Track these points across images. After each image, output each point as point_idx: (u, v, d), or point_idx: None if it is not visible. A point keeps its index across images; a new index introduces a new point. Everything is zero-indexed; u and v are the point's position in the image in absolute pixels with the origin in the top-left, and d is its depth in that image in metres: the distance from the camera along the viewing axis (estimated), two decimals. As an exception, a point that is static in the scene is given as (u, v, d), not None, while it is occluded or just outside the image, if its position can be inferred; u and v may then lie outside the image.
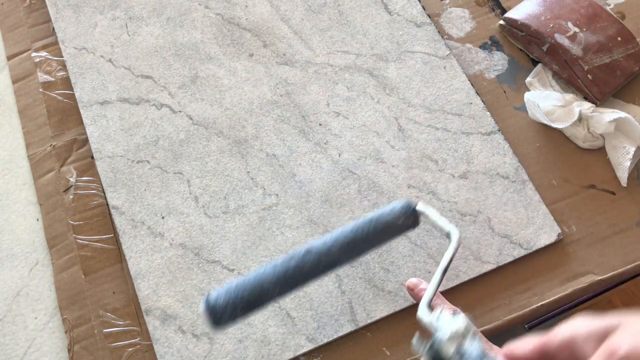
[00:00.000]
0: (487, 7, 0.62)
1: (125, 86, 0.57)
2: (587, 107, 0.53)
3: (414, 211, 0.42)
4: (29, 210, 0.53)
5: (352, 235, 0.41)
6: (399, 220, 0.42)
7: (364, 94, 0.57)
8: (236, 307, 0.38)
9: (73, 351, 0.48)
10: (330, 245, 0.41)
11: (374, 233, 0.41)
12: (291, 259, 0.40)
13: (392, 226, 0.42)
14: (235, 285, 0.39)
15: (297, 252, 0.40)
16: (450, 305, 0.43)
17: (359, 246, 0.41)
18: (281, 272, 0.39)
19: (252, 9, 0.61)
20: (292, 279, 0.39)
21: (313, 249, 0.40)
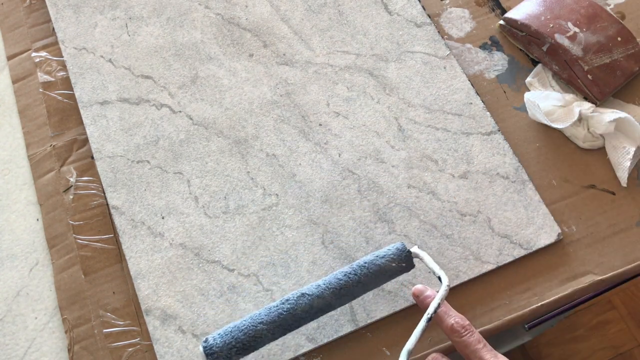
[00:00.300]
0: (487, 7, 0.62)
1: (125, 86, 0.57)
2: (587, 107, 0.53)
3: (408, 254, 0.44)
4: (29, 210, 0.53)
5: (345, 280, 0.43)
6: (393, 263, 0.43)
7: (364, 94, 0.57)
8: (232, 348, 0.41)
9: (73, 351, 0.48)
10: (324, 289, 0.42)
11: (367, 277, 0.43)
12: (285, 302, 0.42)
13: (386, 270, 0.43)
14: (231, 328, 0.41)
15: (291, 296, 0.42)
16: (456, 314, 0.43)
17: (352, 290, 0.43)
18: (275, 315, 0.41)
19: (252, 9, 0.61)
20: (285, 322, 0.42)
21: (307, 293, 0.42)
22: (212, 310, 0.48)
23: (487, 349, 0.41)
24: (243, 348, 0.41)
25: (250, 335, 0.41)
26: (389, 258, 0.43)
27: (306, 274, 0.49)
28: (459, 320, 0.42)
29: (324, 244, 0.50)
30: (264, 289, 0.49)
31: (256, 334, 0.41)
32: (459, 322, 0.42)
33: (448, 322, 0.42)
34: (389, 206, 0.52)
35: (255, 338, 0.41)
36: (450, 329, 0.42)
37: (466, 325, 0.42)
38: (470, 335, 0.41)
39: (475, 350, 0.40)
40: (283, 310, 0.42)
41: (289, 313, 0.42)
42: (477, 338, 0.41)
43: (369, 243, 0.50)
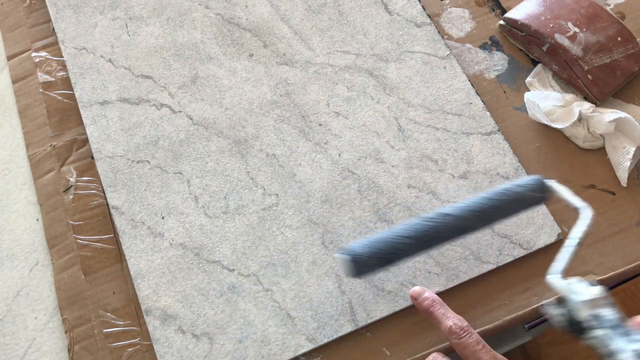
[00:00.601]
0: (487, 7, 0.62)
1: (125, 86, 0.57)
2: (587, 107, 0.53)
3: (545, 185, 0.44)
4: (29, 210, 0.53)
5: (485, 204, 0.43)
6: (531, 193, 0.44)
7: (364, 94, 0.57)
8: (374, 257, 0.41)
9: (73, 351, 0.48)
10: (465, 211, 0.43)
11: (506, 203, 0.43)
12: (429, 220, 0.42)
13: (523, 198, 0.44)
14: (374, 239, 0.41)
15: (434, 215, 0.42)
16: (454, 315, 0.43)
17: (492, 214, 0.43)
18: (420, 230, 0.42)
19: (252, 9, 0.61)
20: (428, 238, 0.42)
21: (450, 213, 0.42)
22: (212, 310, 0.48)
23: (486, 350, 0.41)
24: (385, 259, 0.41)
25: (393, 247, 0.41)
26: (527, 188, 0.44)
27: (306, 274, 0.49)
28: (457, 322, 0.42)
29: (324, 244, 0.50)
30: (264, 289, 0.49)
31: (399, 247, 0.41)
32: (457, 324, 0.42)
33: (446, 324, 0.42)
34: (389, 206, 0.52)
35: (398, 250, 0.41)
36: (449, 330, 0.42)
37: (464, 327, 0.42)
38: (469, 336, 0.41)
39: (474, 351, 0.41)
40: (426, 227, 0.42)
41: (431, 230, 0.42)
42: (476, 339, 0.41)
43: (369, 243, 0.50)
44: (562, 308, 0.38)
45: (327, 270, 0.49)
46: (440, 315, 0.43)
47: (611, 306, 0.37)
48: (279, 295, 0.49)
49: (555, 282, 0.39)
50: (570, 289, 0.38)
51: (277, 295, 0.49)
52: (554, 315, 0.39)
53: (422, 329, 0.48)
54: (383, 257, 0.41)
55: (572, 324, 0.38)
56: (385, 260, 0.41)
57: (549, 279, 0.40)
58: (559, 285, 0.39)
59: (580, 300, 0.37)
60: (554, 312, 0.39)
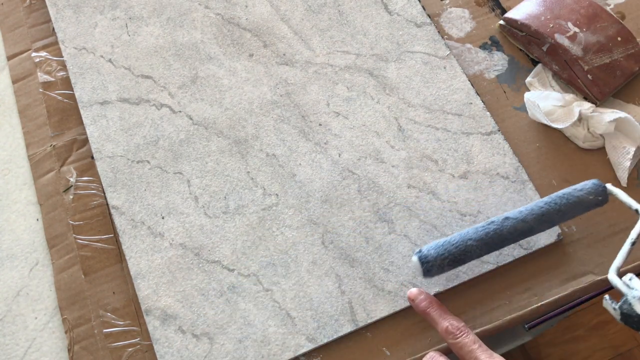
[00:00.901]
0: (487, 7, 0.62)
1: (125, 86, 0.57)
2: (587, 107, 0.53)
3: (604, 189, 0.47)
4: (29, 210, 0.53)
5: (546, 208, 0.46)
6: (590, 196, 0.46)
7: (364, 94, 0.57)
8: (445, 259, 0.44)
9: (73, 351, 0.48)
10: (527, 214, 0.46)
11: (565, 207, 0.46)
12: (491, 223, 0.46)
13: (583, 202, 0.46)
14: (443, 242, 0.45)
15: (496, 218, 0.46)
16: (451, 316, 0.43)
17: (552, 217, 0.46)
18: (482, 233, 0.45)
19: (252, 9, 0.61)
20: (492, 240, 0.45)
21: (511, 216, 0.46)
22: (212, 310, 0.48)
23: (483, 349, 0.41)
24: (454, 260, 0.45)
25: (460, 249, 0.45)
26: (586, 191, 0.47)
27: (306, 274, 0.49)
28: (453, 322, 0.42)
29: (324, 244, 0.50)
30: (264, 289, 0.49)
31: (466, 249, 0.45)
32: (454, 324, 0.42)
33: (443, 325, 0.43)
34: (389, 206, 0.52)
35: (465, 252, 0.45)
36: (445, 331, 0.42)
37: (461, 327, 0.42)
38: (465, 336, 0.42)
39: (471, 351, 0.41)
40: (490, 230, 0.45)
41: (495, 232, 0.45)
42: (472, 339, 0.41)
43: (369, 243, 0.50)
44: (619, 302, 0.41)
45: (327, 270, 0.49)
46: (436, 317, 0.44)
47: None
48: (279, 295, 0.49)
49: (613, 279, 0.42)
50: (627, 284, 0.41)
51: (277, 295, 0.49)
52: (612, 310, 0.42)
53: (422, 329, 0.48)
54: (452, 259, 0.45)
55: (628, 317, 0.41)
56: (453, 262, 0.45)
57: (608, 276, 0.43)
58: (617, 282, 0.42)
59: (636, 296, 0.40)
60: (611, 306, 0.42)
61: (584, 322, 1.09)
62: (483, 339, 0.47)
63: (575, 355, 1.06)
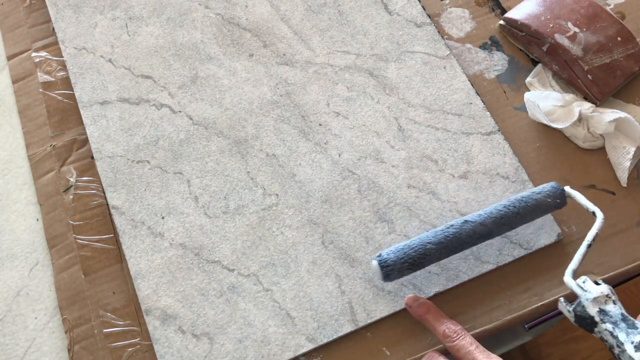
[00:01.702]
0: (487, 7, 0.62)
1: (125, 86, 0.57)
2: (587, 107, 0.53)
3: (562, 192, 0.47)
4: (29, 210, 0.53)
5: (505, 211, 0.46)
6: (549, 199, 0.47)
7: (364, 94, 0.57)
8: (404, 263, 0.44)
9: (73, 351, 0.48)
10: (485, 217, 0.46)
11: (525, 210, 0.46)
12: (451, 227, 0.45)
13: (541, 205, 0.47)
14: (402, 246, 0.45)
15: (456, 222, 0.46)
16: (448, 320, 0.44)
17: (511, 221, 0.46)
18: (441, 237, 0.45)
19: (252, 9, 0.61)
20: (451, 244, 0.45)
21: (470, 220, 0.46)
22: (212, 310, 0.48)
23: (480, 350, 0.41)
24: (413, 264, 0.45)
25: (420, 252, 0.45)
26: (545, 194, 0.47)
27: (306, 274, 0.49)
28: (450, 326, 0.43)
29: (324, 244, 0.50)
30: (264, 289, 0.49)
31: (425, 252, 0.45)
32: (451, 328, 0.43)
33: (440, 329, 0.43)
34: (389, 206, 0.52)
35: (425, 256, 0.45)
36: (443, 334, 0.43)
37: (457, 330, 0.43)
38: (462, 338, 0.42)
39: (468, 352, 0.41)
40: (449, 234, 0.45)
41: (454, 236, 0.45)
42: (470, 341, 0.42)
43: (369, 243, 0.50)
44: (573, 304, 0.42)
45: (327, 270, 0.49)
46: (433, 321, 0.44)
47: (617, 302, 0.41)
48: (279, 295, 0.49)
49: (568, 281, 0.42)
50: (581, 287, 0.42)
51: (277, 295, 0.49)
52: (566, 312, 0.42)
53: (422, 329, 0.48)
54: (411, 262, 0.45)
55: (581, 319, 0.41)
56: (413, 266, 0.45)
57: (564, 279, 0.43)
58: (572, 284, 0.42)
59: (589, 298, 0.41)
60: (565, 308, 0.42)
61: (584, 322, 1.09)
62: (483, 339, 0.47)
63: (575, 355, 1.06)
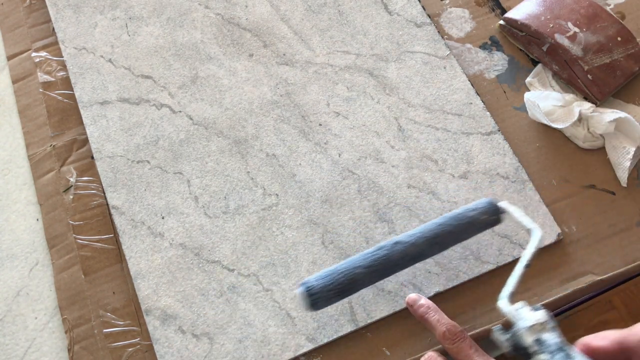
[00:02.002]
0: (487, 7, 0.62)
1: (125, 86, 0.57)
2: (587, 107, 0.53)
3: (497, 208, 0.45)
4: (29, 210, 0.53)
5: (437, 230, 0.44)
6: (483, 216, 0.45)
7: (364, 94, 0.57)
8: (331, 290, 0.42)
9: (73, 351, 0.48)
10: (417, 237, 0.44)
11: (458, 228, 0.44)
12: (381, 248, 0.43)
13: (476, 222, 0.45)
14: (330, 272, 0.43)
15: (387, 243, 0.43)
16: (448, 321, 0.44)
17: (444, 240, 0.44)
18: (371, 260, 0.43)
19: (252, 9, 0.61)
20: (381, 267, 0.43)
21: (401, 240, 0.43)
22: (212, 310, 0.48)
23: (479, 353, 0.41)
24: (342, 290, 0.42)
25: (348, 277, 0.42)
26: (479, 211, 0.45)
27: (306, 274, 0.49)
28: (450, 328, 0.43)
29: (324, 244, 0.50)
30: (264, 289, 0.49)
31: (354, 277, 0.42)
32: (451, 330, 0.43)
33: (440, 330, 0.43)
34: (389, 206, 0.52)
35: (353, 281, 0.42)
36: (442, 336, 0.43)
37: (457, 332, 0.43)
38: (462, 341, 0.42)
39: (468, 355, 0.41)
40: (379, 256, 0.43)
41: (384, 259, 0.43)
42: (469, 343, 0.42)
43: (369, 243, 0.50)
44: (509, 333, 0.39)
45: (327, 270, 0.49)
46: (434, 322, 0.44)
47: (554, 330, 0.38)
48: (279, 295, 0.49)
49: (504, 307, 0.40)
50: (516, 314, 0.39)
51: (277, 295, 0.49)
52: (500, 340, 0.40)
53: (422, 329, 0.48)
54: (339, 289, 0.42)
55: (517, 348, 0.39)
56: (341, 292, 0.43)
57: (498, 305, 0.40)
58: (507, 311, 0.40)
59: (525, 326, 0.38)
60: (500, 337, 0.40)
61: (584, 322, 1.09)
62: (483, 339, 0.47)
63: (575, 355, 1.06)
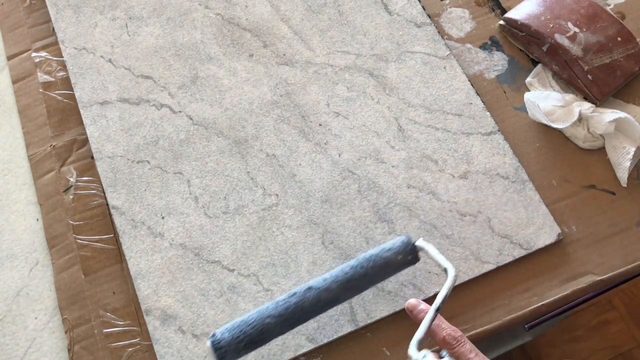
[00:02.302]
0: (487, 7, 0.62)
1: (125, 86, 0.57)
2: (587, 107, 0.53)
3: (413, 247, 0.44)
4: (29, 210, 0.53)
5: (351, 273, 0.43)
6: (398, 256, 0.43)
7: (364, 94, 0.57)
8: (240, 342, 0.40)
9: (73, 351, 0.48)
10: (330, 282, 0.42)
11: (373, 270, 0.43)
12: (293, 295, 0.42)
13: (391, 263, 0.43)
14: (239, 323, 0.41)
15: (298, 290, 0.42)
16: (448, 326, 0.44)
17: (359, 283, 0.43)
18: (282, 309, 0.41)
19: (252, 9, 0.61)
20: (293, 315, 0.42)
21: (314, 286, 0.42)
22: (212, 310, 0.48)
23: (480, 358, 0.41)
24: (251, 342, 0.41)
25: (258, 329, 0.41)
26: (394, 251, 0.43)
27: (306, 274, 0.49)
28: (451, 333, 0.43)
29: (324, 244, 0.50)
30: (264, 289, 0.49)
31: (264, 328, 0.41)
32: (451, 334, 0.43)
33: (440, 335, 0.43)
34: (389, 206, 0.52)
35: (264, 332, 0.41)
36: (443, 341, 0.43)
37: (458, 337, 0.43)
38: (462, 345, 0.42)
39: None
40: (290, 304, 0.42)
41: (296, 306, 0.42)
42: (469, 348, 0.42)
43: (369, 243, 0.50)
44: None
45: (327, 270, 0.49)
46: (434, 327, 0.44)
47: None
48: (279, 295, 0.49)
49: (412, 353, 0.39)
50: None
51: (277, 295, 0.49)
52: None
53: (422, 329, 0.48)
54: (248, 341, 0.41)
55: None
56: (251, 344, 0.41)
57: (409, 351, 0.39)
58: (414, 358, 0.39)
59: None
60: None
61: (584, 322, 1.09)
62: (483, 339, 0.47)
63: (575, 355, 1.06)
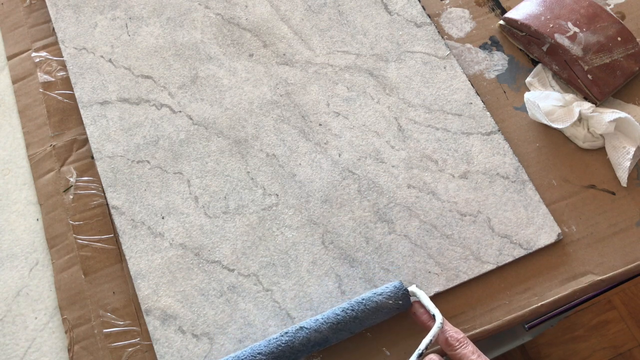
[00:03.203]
0: (487, 7, 0.62)
1: (125, 86, 0.57)
2: (587, 107, 0.53)
3: (405, 292, 0.45)
4: (29, 210, 0.53)
5: (342, 315, 0.44)
6: (390, 300, 0.44)
7: (364, 94, 0.57)
8: None
9: (73, 351, 0.48)
10: (321, 323, 0.44)
11: (364, 313, 0.44)
12: (285, 334, 0.43)
13: (382, 307, 0.44)
14: (232, 358, 0.42)
15: (291, 329, 0.43)
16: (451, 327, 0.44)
17: (349, 326, 0.44)
18: (273, 346, 0.43)
19: (252, 9, 0.61)
20: (283, 354, 0.43)
21: (305, 326, 0.43)
22: (212, 310, 0.48)
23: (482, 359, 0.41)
24: None
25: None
26: (386, 295, 0.45)
27: (306, 274, 0.49)
28: (453, 334, 0.43)
29: (324, 244, 0.50)
30: (264, 289, 0.49)
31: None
32: (454, 336, 0.43)
33: (442, 336, 0.43)
34: (389, 206, 0.52)
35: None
36: (445, 342, 0.43)
37: (460, 339, 0.43)
38: (464, 347, 0.42)
39: None
40: (281, 343, 0.43)
41: (287, 345, 0.43)
42: (471, 349, 0.42)
43: (369, 243, 0.50)
44: None
45: (327, 270, 0.49)
46: None
47: None
48: (279, 295, 0.49)
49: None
50: None
51: (277, 295, 0.49)
52: None
53: (422, 329, 0.48)
54: None
55: None
56: None
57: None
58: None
59: None
60: None
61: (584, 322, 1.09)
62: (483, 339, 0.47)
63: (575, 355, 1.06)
